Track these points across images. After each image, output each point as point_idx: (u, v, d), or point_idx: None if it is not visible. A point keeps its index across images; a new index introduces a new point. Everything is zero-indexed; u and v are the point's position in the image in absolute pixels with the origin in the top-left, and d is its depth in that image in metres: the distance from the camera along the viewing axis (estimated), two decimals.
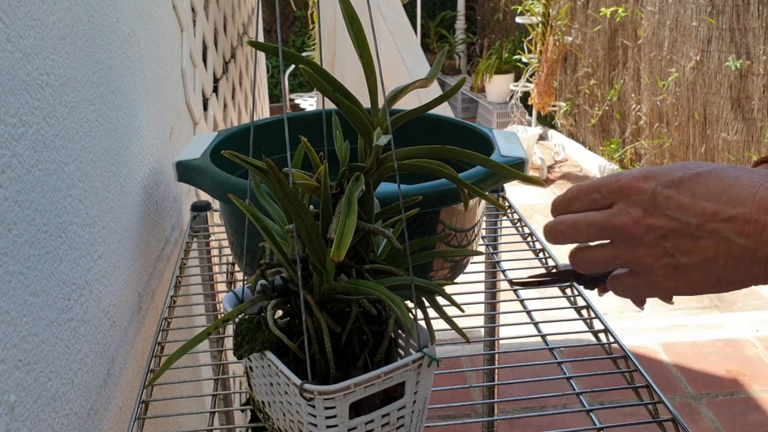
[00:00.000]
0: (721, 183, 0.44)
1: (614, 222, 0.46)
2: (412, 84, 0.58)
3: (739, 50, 3.15)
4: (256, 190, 0.63)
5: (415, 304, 0.55)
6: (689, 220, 0.44)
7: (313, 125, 0.99)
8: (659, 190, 0.45)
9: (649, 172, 0.46)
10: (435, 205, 0.79)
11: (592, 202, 0.48)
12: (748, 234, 0.43)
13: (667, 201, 0.44)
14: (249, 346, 0.55)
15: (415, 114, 0.59)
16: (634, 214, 0.45)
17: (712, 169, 0.45)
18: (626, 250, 0.46)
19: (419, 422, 0.58)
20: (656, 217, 0.45)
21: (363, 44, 0.55)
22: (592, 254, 0.48)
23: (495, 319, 1.15)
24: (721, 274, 0.44)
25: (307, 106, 5.22)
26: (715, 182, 0.44)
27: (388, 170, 0.57)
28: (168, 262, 1.08)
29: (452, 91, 0.60)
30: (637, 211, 0.45)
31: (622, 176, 0.47)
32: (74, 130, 0.71)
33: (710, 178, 0.44)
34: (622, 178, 0.47)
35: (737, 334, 2.59)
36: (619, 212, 0.46)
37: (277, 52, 0.55)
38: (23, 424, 0.55)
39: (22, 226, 0.57)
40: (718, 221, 0.43)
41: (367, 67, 0.55)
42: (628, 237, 0.46)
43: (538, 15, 4.70)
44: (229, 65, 2.10)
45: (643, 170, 0.47)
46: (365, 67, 0.55)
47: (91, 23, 0.79)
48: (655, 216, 0.45)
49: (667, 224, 0.44)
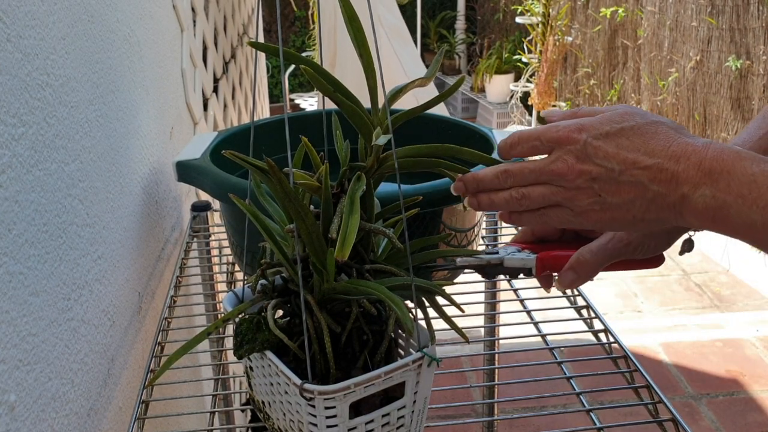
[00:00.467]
0: (642, 137, 0.52)
1: (552, 168, 0.54)
2: (411, 83, 0.58)
3: (739, 50, 3.15)
4: (256, 190, 0.63)
5: (415, 304, 0.55)
6: (613, 167, 0.52)
7: (314, 125, 0.99)
8: (590, 141, 0.52)
9: (582, 124, 0.53)
10: (435, 205, 0.79)
11: (533, 148, 0.56)
12: (660, 181, 0.51)
13: (596, 151, 0.52)
14: (249, 346, 0.55)
15: (415, 113, 0.59)
16: (569, 161, 0.53)
17: (635, 123, 0.52)
18: (562, 191, 0.54)
19: (419, 422, 0.58)
20: (587, 164, 0.52)
21: (363, 44, 0.55)
22: (533, 190, 0.55)
23: (495, 319, 1.15)
24: (638, 214, 0.53)
25: (307, 106, 5.22)
26: (637, 136, 0.52)
27: (389, 169, 0.57)
28: (168, 262, 1.08)
29: (451, 90, 0.60)
30: (571, 158, 0.53)
31: (560, 127, 0.54)
32: (74, 130, 0.71)
33: (633, 132, 0.52)
34: (561, 129, 0.54)
35: (737, 334, 2.59)
36: (556, 159, 0.54)
37: (277, 52, 0.55)
38: (23, 424, 0.55)
39: (22, 226, 0.57)
40: (637, 169, 0.51)
41: (367, 67, 0.55)
42: (564, 180, 0.54)
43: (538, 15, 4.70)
44: (229, 65, 2.10)
45: (577, 122, 0.54)
46: (365, 66, 0.55)
47: (91, 23, 0.79)
48: (586, 163, 0.52)
49: (595, 170, 0.52)
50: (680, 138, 0.51)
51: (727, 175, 0.49)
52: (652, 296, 2.95)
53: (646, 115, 0.53)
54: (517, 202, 0.57)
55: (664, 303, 2.89)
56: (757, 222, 0.48)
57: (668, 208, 0.51)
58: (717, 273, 3.13)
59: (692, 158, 0.50)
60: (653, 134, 0.52)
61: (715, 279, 3.08)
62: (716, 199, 0.49)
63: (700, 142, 0.51)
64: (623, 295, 2.96)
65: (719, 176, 0.49)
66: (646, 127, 0.52)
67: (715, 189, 0.49)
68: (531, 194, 0.56)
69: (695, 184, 0.50)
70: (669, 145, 0.51)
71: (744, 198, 0.48)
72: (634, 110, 0.54)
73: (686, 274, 3.13)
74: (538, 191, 0.55)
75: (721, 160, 0.49)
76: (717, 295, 2.94)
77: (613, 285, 3.04)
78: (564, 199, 0.54)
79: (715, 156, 0.49)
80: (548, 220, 0.57)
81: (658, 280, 3.09)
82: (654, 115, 0.54)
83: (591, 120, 0.53)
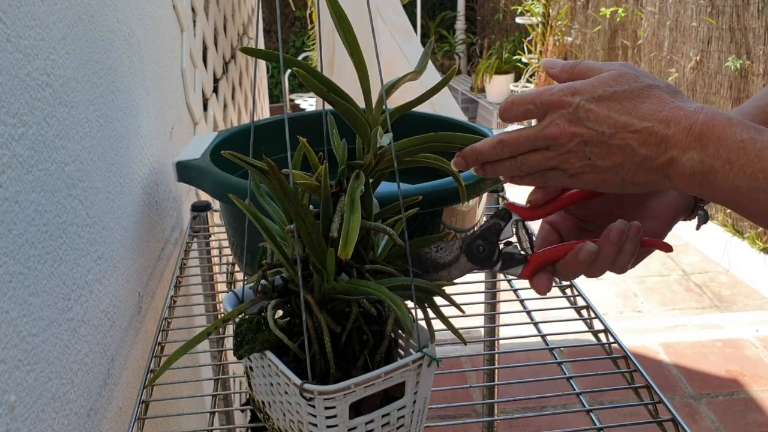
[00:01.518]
0: (634, 101, 0.52)
1: (545, 133, 0.54)
2: (402, 77, 0.58)
3: (739, 50, 3.15)
4: (255, 191, 0.63)
5: (416, 305, 0.55)
6: (604, 130, 0.52)
7: (314, 125, 0.99)
8: (582, 104, 0.53)
9: (575, 87, 0.54)
10: (435, 205, 0.79)
11: (527, 112, 0.56)
12: (649, 144, 0.51)
13: (588, 114, 0.52)
14: (249, 346, 0.55)
15: (409, 107, 0.59)
16: (561, 124, 0.53)
17: (628, 87, 0.52)
18: (555, 155, 0.55)
19: (419, 422, 0.58)
20: (579, 127, 0.53)
21: (353, 43, 0.55)
22: (530, 157, 0.56)
23: (495, 319, 1.15)
24: (626, 177, 0.53)
25: (307, 106, 5.23)
26: (629, 100, 0.52)
27: (387, 165, 0.57)
28: (168, 262, 1.08)
29: (443, 82, 0.59)
30: (564, 122, 0.53)
31: (554, 90, 0.54)
32: (74, 131, 0.71)
33: (626, 95, 0.52)
34: (554, 93, 0.54)
35: (737, 334, 2.59)
36: (549, 124, 0.54)
37: (271, 57, 0.55)
38: (23, 424, 0.55)
39: (23, 226, 0.57)
40: (627, 132, 0.51)
41: (358, 66, 0.55)
42: (557, 144, 0.54)
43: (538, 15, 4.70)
44: (229, 65, 2.10)
45: (571, 85, 0.54)
46: (356, 65, 0.55)
47: (91, 23, 0.79)
48: (578, 126, 0.53)
49: (586, 133, 0.53)
50: (673, 102, 0.52)
51: (716, 141, 0.49)
52: (652, 296, 2.95)
53: (641, 77, 0.53)
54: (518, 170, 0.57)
55: (664, 303, 2.89)
56: (742, 188, 0.49)
57: (656, 171, 0.52)
58: (717, 273, 3.13)
59: (683, 122, 0.50)
60: (646, 98, 0.52)
61: (715, 279, 3.08)
62: (704, 163, 0.49)
63: (692, 106, 0.51)
64: (623, 295, 2.96)
65: (708, 141, 0.49)
66: (639, 90, 0.52)
67: (703, 154, 0.49)
68: (527, 161, 0.56)
69: (684, 148, 0.50)
70: (661, 109, 0.51)
71: (732, 164, 0.49)
72: (629, 71, 0.54)
73: (686, 275, 3.13)
74: (533, 159, 0.56)
75: (712, 126, 0.50)
76: (717, 295, 2.94)
77: (613, 285, 3.04)
78: (558, 162, 0.55)
79: (706, 121, 0.50)
80: (547, 180, 0.57)
81: (658, 280, 3.09)
82: (650, 77, 0.54)
83: (584, 83, 0.54)
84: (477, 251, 0.61)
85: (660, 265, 3.23)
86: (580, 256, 0.58)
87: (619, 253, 0.58)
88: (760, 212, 0.50)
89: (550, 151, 0.55)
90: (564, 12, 4.70)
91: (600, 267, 0.59)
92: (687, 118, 0.50)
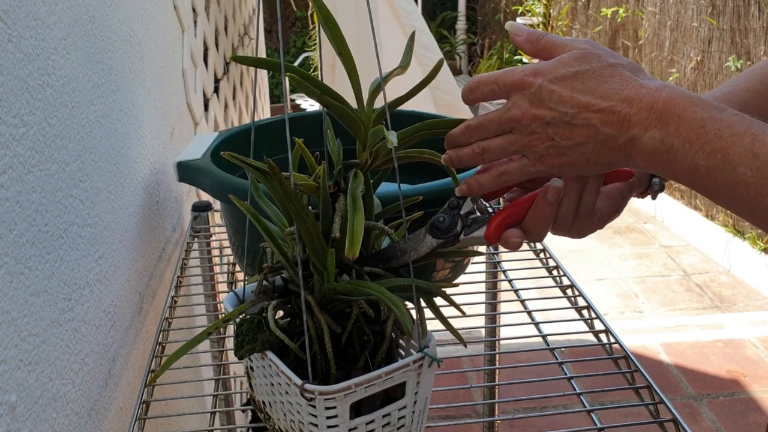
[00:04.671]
0: (596, 80, 0.52)
1: (509, 115, 0.54)
2: (390, 73, 0.58)
3: (740, 51, 3.15)
4: (253, 192, 0.63)
5: (416, 305, 0.55)
6: (566, 110, 0.52)
7: (315, 125, 0.99)
8: (544, 85, 0.52)
9: (537, 69, 0.53)
10: (436, 205, 0.79)
11: (492, 92, 0.56)
12: (612, 123, 0.51)
13: (550, 95, 0.52)
14: (250, 346, 0.56)
15: (400, 103, 0.59)
16: (523, 106, 0.53)
17: (590, 67, 0.52)
18: (519, 137, 0.54)
19: (420, 422, 0.58)
20: (541, 108, 0.53)
21: (341, 42, 0.55)
22: (492, 142, 0.56)
23: (496, 319, 1.15)
24: (591, 157, 0.53)
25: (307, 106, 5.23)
26: (591, 80, 0.52)
27: (383, 161, 0.57)
28: (169, 262, 1.08)
29: (430, 76, 0.59)
30: (526, 103, 0.53)
31: (517, 71, 0.54)
32: (75, 131, 0.71)
33: (588, 75, 0.52)
34: (517, 74, 0.54)
35: (738, 334, 2.59)
36: (512, 106, 0.54)
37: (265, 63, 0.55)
38: (24, 424, 0.55)
39: (23, 226, 0.57)
40: (589, 112, 0.51)
41: (347, 65, 0.55)
42: (520, 126, 0.54)
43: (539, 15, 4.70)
44: (230, 65, 2.10)
45: (533, 66, 0.54)
46: (344, 63, 0.55)
47: (92, 24, 0.79)
48: (541, 107, 0.53)
49: (549, 114, 0.52)
50: (635, 80, 0.51)
51: (677, 119, 0.49)
52: (652, 296, 2.94)
53: (604, 56, 0.53)
54: (479, 157, 0.57)
55: (664, 303, 2.89)
56: (701, 167, 0.49)
57: (618, 149, 0.52)
58: (718, 273, 3.13)
59: (645, 100, 0.50)
60: (608, 77, 0.52)
61: (716, 279, 3.08)
62: (664, 142, 0.50)
63: (655, 84, 0.51)
64: (624, 295, 2.96)
65: (669, 119, 0.49)
66: (601, 70, 0.52)
67: (664, 132, 0.49)
68: (490, 146, 0.56)
69: (645, 126, 0.50)
70: (623, 88, 0.51)
71: (691, 143, 0.49)
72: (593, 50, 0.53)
73: (687, 275, 3.12)
74: (496, 143, 0.55)
75: (673, 104, 0.49)
76: (718, 295, 2.94)
77: (613, 285, 3.04)
78: (522, 146, 0.54)
79: (668, 99, 0.50)
80: (509, 178, 0.57)
81: (658, 280, 3.09)
82: (614, 55, 0.53)
83: (546, 64, 0.54)
84: (438, 222, 0.60)
85: (661, 265, 3.23)
86: (548, 196, 0.56)
87: (583, 190, 0.57)
88: (718, 192, 0.49)
89: (513, 134, 0.55)
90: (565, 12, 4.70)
91: (566, 213, 0.58)
92: (649, 96, 0.50)
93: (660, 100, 0.50)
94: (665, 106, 0.50)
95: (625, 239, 3.53)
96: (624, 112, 0.50)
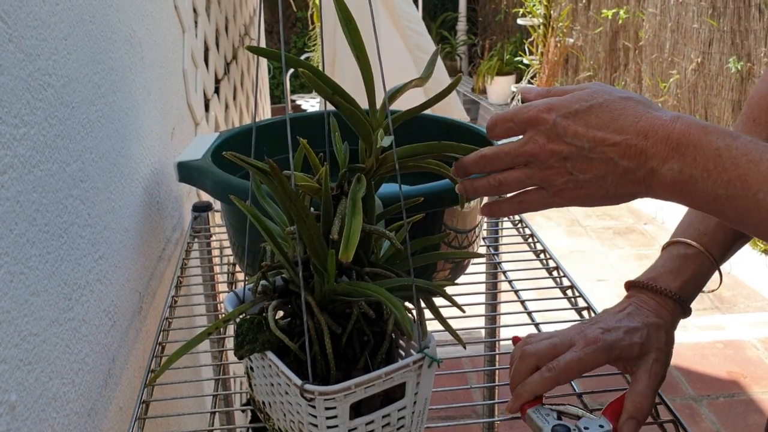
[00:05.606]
0: (610, 114, 0.53)
1: (525, 149, 0.55)
2: (408, 83, 0.58)
3: (740, 52, 3.15)
4: (256, 192, 0.63)
5: (416, 306, 0.55)
6: (583, 145, 0.53)
7: (315, 126, 0.99)
8: (558, 121, 0.53)
9: (551, 104, 0.54)
10: (437, 206, 0.79)
11: (509, 130, 0.57)
12: (629, 156, 0.52)
13: (565, 130, 0.53)
14: (250, 347, 0.56)
15: (413, 113, 0.59)
16: (540, 141, 0.54)
17: (603, 101, 0.53)
18: (537, 171, 0.55)
19: (420, 423, 0.58)
20: (557, 144, 0.54)
21: (359, 47, 0.55)
22: (509, 175, 0.57)
23: (496, 319, 1.15)
24: (610, 189, 0.54)
25: (308, 107, 5.23)
26: (605, 113, 0.53)
27: (388, 169, 0.57)
28: (169, 262, 1.08)
29: (449, 89, 0.59)
30: (542, 138, 0.54)
31: (531, 108, 0.55)
32: (76, 131, 0.71)
33: (601, 109, 0.53)
34: (531, 110, 0.55)
35: (738, 335, 2.59)
36: (528, 140, 0.55)
37: (276, 56, 0.55)
38: (24, 423, 0.55)
39: (24, 226, 0.57)
40: (606, 146, 0.52)
41: (364, 69, 0.55)
42: (537, 161, 0.55)
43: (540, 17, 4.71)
44: (231, 66, 2.10)
45: (547, 101, 0.55)
46: (362, 68, 0.55)
47: (93, 24, 0.79)
48: (557, 142, 0.54)
49: (566, 149, 0.53)
50: (648, 113, 0.52)
51: (693, 149, 0.50)
52: None
53: (615, 91, 0.54)
54: (495, 189, 0.58)
55: None
56: (721, 196, 0.49)
57: (638, 182, 0.52)
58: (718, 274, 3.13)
59: (660, 132, 0.51)
60: (622, 110, 0.53)
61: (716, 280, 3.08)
62: (683, 173, 0.50)
63: (668, 115, 0.52)
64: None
65: (686, 150, 0.50)
66: (614, 103, 0.53)
67: (682, 163, 0.50)
68: (507, 180, 0.57)
69: (663, 158, 0.51)
70: (637, 121, 0.52)
71: (709, 172, 0.49)
72: (602, 88, 0.55)
73: None
74: (514, 176, 0.57)
75: (688, 135, 0.50)
76: (718, 296, 2.94)
77: (614, 286, 3.04)
78: (540, 180, 0.55)
79: (683, 130, 0.50)
80: (528, 207, 0.58)
81: None
82: (623, 91, 0.54)
83: (560, 99, 0.54)
84: None
85: None
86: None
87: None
88: (740, 219, 0.50)
89: (529, 168, 0.56)
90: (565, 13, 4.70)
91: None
92: (663, 128, 0.51)
93: (675, 132, 0.51)
94: (681, 137, 0.50)
95: (626, 240, 3.53)
96: (640, 145, 0.51)
